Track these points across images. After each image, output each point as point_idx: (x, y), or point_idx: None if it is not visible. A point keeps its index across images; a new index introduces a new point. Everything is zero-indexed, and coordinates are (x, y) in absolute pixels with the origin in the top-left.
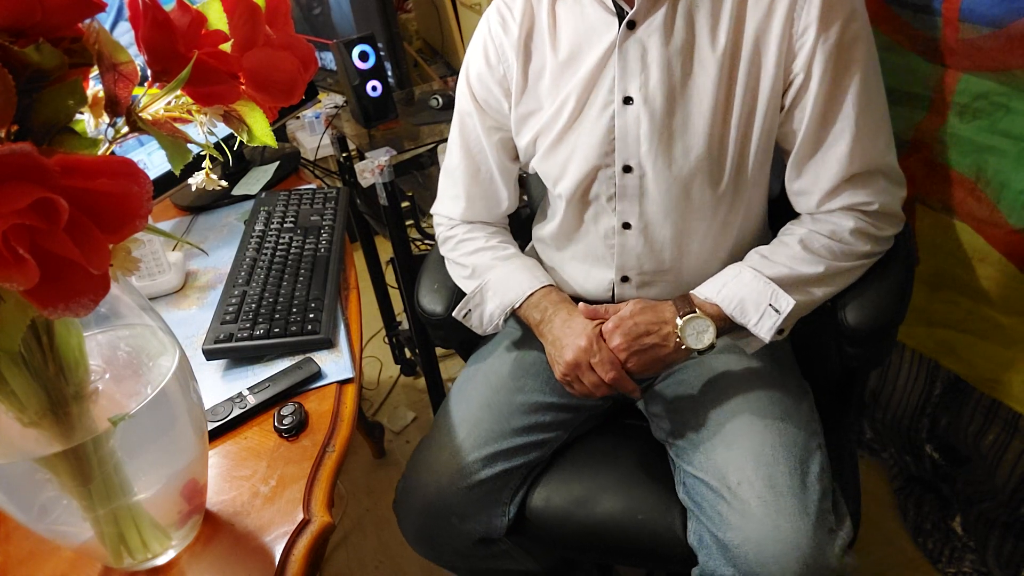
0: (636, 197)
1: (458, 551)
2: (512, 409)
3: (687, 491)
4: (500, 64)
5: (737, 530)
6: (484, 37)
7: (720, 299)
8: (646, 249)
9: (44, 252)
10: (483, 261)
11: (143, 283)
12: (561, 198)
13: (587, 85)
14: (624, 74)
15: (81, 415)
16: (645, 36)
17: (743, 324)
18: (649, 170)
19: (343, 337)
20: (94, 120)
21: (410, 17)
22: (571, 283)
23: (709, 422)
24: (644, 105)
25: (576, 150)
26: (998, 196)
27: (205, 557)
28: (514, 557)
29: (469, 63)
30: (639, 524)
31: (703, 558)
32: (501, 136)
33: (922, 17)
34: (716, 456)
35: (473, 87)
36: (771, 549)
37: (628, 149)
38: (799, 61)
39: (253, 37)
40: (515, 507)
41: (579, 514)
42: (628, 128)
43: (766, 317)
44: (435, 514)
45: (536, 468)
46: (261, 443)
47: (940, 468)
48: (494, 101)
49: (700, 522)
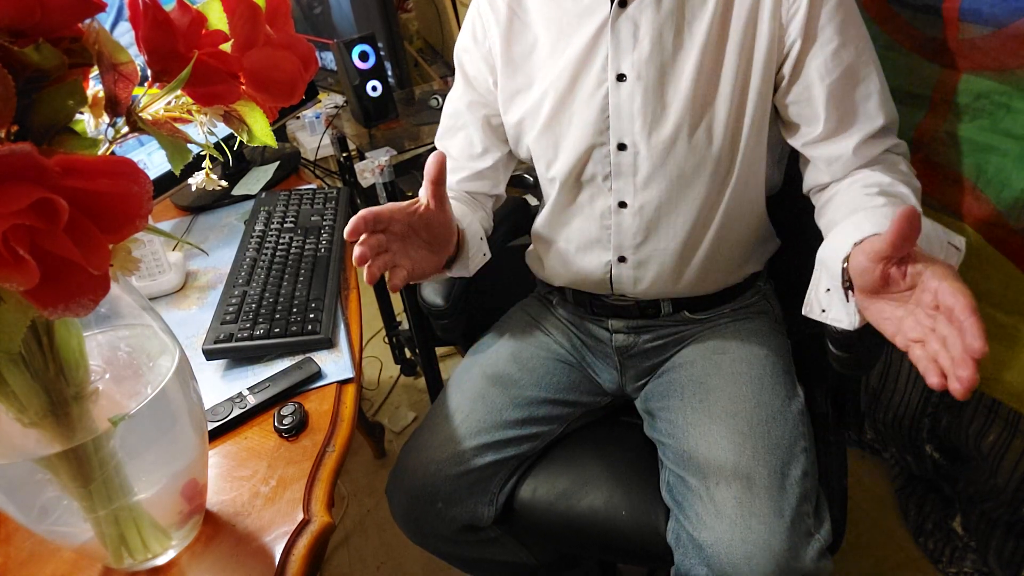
0: (631, 175)
1: (443, 536)
2: (506, 402)
3: (669, 489)
4: (486, 39)
5: (711, 530)
6: (473, 15)
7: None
8: (642, 227)
9: (44, 252)
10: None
11: (143, 283)
12: (555, 181)
13: (578, 64)
14: (617, 51)
15: (81, 415)
16: (637, 13)
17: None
18: (643, 147)
19: (343, 337)
20: (94, 120)
21: (410, 17)
22: (566, 270)
23: (695, 422)
24: (638, 81)
25: (570, 130)
26: (998, 196)
27: (205, 557)
28: (504, 546)
29: (458, 41)
30: (622, 520)
31: (679, 557)
32: (485, 113)
33: (922, 17)
34: (698, 456)
35: (461, 61)
36: (741, 550)
37: (623, 126)
38: (793, 27)
39: (253, 37)
40: (504, 497)
41: (561, 507)
42: (622, 105)
43: (950, 256)
44: (422, 498)
45: (527, 460)
46: (261, 443)
47: (941, 468)
48: (481, 77)
49: (679, 521)
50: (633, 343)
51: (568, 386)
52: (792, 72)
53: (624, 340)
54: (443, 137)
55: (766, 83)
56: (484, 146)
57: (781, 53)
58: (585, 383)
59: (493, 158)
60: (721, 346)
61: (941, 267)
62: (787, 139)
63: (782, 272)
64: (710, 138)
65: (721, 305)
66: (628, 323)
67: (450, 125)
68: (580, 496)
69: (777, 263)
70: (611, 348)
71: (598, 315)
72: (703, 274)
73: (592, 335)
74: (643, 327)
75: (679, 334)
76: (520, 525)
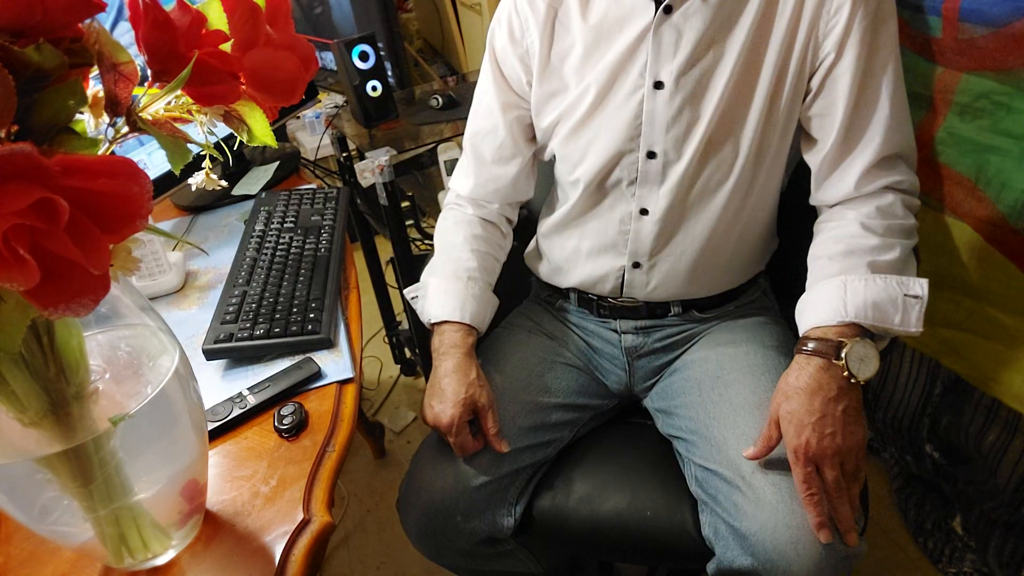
0: (657, 183)
1: (461, 551)
2: (517, 409)
3: (700, 484)
4: (524, 39)
5: (752, 518)
6: (510, 11)
7: (852, 315)
8: (662, 234)
9: (44, 252)
10: (446, 240)
11: (143, 283)
12: (579, 183)
13: (616, 68)
14: (657, 58)
15: (82, 415)
16: (681, 21)
17: (886, 329)
18: (673, 156)
19: (343, 337)
20: (94, 120)
21: (410, 17)
22: (575, 273)
23: (719, 415)
24: (675, 90)
25: (600, 134)
26: (998, 196)
27: (205, 557)
28: (519, 558)
29: (494, 36)
30: (647, 520)
31: (720, 550)
32: (518, 114)
33: (922, 17)
34: (728, 448)
35: (499, 58)
36: (786, 535)
37: (654, 134)
38: (830, 41)
39: (253, 37)
40: (521, 507)
41: (584, 512)
42: (656, 113)
43: (909, 309)
44: (439, 513)
45: (542, 468)
46: (261, 443)
47: (941, 468)
48: (515, 76)
49: (715, 514)
50: (642, 343)
51: (577, 390)
52: (820, 85)
53: (633, 340)
54: (477, 136)
55: (796, 95)
56: (514, 149)
57: (814, 65)
58: (593, 386)
59: (522, 162)
60: (732, 341)
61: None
62: (803, 152)
63: (778, 268)
64: (737, 149)
65: (727, 303)
66: (636, 324)
67: (484, 125)
68: (602, 500)
69: (773, 259)
70: (620, 349)
71: (604, 317)
72: (716, 277)
73: (599, 337)
74: (651, 327)
75: (687, 333)
76: (538, 534)
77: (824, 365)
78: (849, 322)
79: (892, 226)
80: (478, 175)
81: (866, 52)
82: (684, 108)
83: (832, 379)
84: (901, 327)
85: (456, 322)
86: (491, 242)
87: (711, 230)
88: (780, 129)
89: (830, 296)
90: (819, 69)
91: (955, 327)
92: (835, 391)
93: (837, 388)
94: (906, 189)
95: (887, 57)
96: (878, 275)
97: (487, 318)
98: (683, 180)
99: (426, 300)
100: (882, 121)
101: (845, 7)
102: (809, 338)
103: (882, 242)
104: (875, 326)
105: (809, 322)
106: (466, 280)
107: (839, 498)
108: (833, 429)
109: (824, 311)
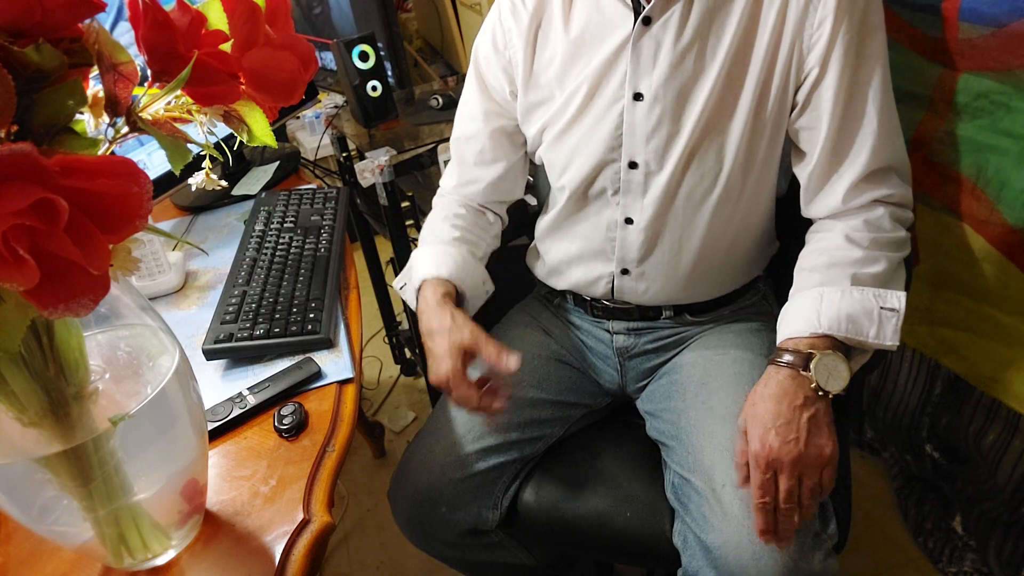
0: (640, 193)
1: (447, 541)
2: (509, 404)
3: (675, 491)
4: (507, 50)
5: (718, 532)
6: (494, 22)
7: (825, 327)
8: (647, 243)
9: (44, 252)
10: (430, 227)
11: (143, 283)
12: (564, 190)
13: (596, 78)
14: (636, 70)
15: (81, 415)
16: (660, 33)
17: (860, 342)
18: (654, 167)
19: (343, 337)
20: (94, 120)
21: (410, 17)
22: (567, 276)
23: (700, 424)
24: (654, 102)
25: (582, 144)
26: (998, 195)
27: (205, 557)
28: (508, 549)
29: (478, 47)
30: (626, 522)
31: (686, 559)
32: (501, 123)
33: (922, 16)
34: (704, 458)
35: (481, 69)
36: (749, 551)
37: (635, 145)
38: (813, 55)
39: (253, 37)
40: (507, 500)
41: (565, 509)
42: (636, 124)
43: (884, 322)
44: (425, 503)
45: (530, 462)
46: (261, 443)
47: (940, 467)
48: (498, 86)
49: (685, 523)
50: (633, 344)
51: (569, 387)
52: (805, 100)
53: (624, 341)
54: (459, 140)
55: (783, 107)
56: (495, 155)
57: (799, 79)
58: (586, 384)
59: (504, 166)
60: (722, 347)
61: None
62: (793, 165)
63: (780, 272)
64: (721, 160)
65: (722, 307)
66: (628, 325)
67: (467, 130)
68: (584, 498)
69: (775, 263)
70: (611, 349)
71: (598, 317)
72: (709, 283)
73: (593, 336)
74: (643, 329)
75: (680, 335)
76: (523, 528)
77: (792, 375)
78: (822, 334)
79: (879, 239)
80: (460, 175)
81: (851, 66)
82: (664, 119)
83: (799, 387)
84: (876, 340)
85: (432, 280)
86: (473, 221)
87: (701, 238)
88: (767, 139)
89: (805, 308)
90: (804, 83)
91: (955, 327)
92: (801, 399)
93: (803, 396)
94: (896, 202)
95: (873, 70)
96: (856, 287)
97: (467, 279)
98: (667, 190)
99: (409, 281)
100: (870, 135)
101: (828, 21)
102: (782, 349)
103: (866, 255)
104: (849, 338)
105: (784, 333)
106: (445, 244)
107: (787, 510)
108: (796, 435)
109: (798, 322)
